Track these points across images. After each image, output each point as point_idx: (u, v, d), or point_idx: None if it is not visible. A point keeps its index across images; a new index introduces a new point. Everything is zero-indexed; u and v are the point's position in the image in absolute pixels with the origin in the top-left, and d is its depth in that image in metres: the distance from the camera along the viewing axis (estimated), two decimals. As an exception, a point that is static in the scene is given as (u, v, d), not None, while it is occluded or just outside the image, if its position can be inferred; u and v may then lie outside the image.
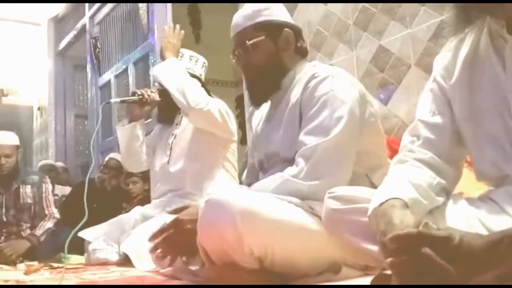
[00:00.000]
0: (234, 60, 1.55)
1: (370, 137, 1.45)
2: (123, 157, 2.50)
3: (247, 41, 1.49)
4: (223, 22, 5.60)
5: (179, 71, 2.14)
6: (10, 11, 5.99)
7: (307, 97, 1.41)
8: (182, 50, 2.42)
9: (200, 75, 2.40)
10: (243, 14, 1.53)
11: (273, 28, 1.50)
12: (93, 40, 4.95)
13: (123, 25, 4.51)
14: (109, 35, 4.75)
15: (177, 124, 2.37)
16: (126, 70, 4.35)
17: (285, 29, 1.50)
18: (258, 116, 1.68)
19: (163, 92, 2.32)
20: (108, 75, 4.68)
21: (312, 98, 1.40)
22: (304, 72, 1.48)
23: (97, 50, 4.90)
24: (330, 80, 1.39)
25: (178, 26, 2.29)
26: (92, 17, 5.06)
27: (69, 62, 6.21)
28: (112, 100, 2.47)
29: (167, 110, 2.36)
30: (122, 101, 2.46)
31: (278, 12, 1.53)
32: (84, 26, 5.22)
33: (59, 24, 6.22)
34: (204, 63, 2.43)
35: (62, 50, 6.09)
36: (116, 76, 4.55)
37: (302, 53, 1.55)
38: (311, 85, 1.41)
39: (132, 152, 2.40)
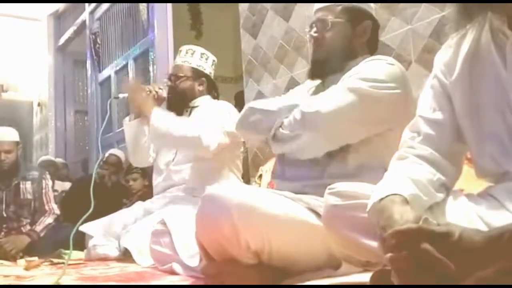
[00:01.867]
0: (309, 30, 1.55)
1: (397, 133, 1.43)
2: (129, 152, 2.50)
3: (328, 18, 1.50)
4: (223, 17, 5.61)
5: (170, 127, 2.13)
6: (10, 7, 5.97)
7: (357, 67, 1.43)
8: (193, 47, 2.43)
9: (210, 73, 2.42)
10: None
11: (356, 15, 1.52)
12: (93, 36, 4.94)
13: (123, 20, 4.51)
14: (109, 30, 4.74)
15: None
16: (126, 65, 4.34)
17: (367, 20, 1.53)
18: (301, 92, 1.67)
19: (172, 88, 2.34)
20: (108, 71, 4.68)
21: (360, 67, 1.42)
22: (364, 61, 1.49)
23: (97, 45, 4.89)
24: (384, 63, 1.41)
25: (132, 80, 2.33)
26: (92, 13, 5.05)
27: (69, 57, 6.21)
28: (121, 96, 2.47)
29: (175, 105, 2.36)
30: None
31: (365, 2, 1.55)
32: (84, 22, 5.22)
33: (59, 19, 6.21)
34: (214, 61, 2.45)
35: (62, 45, 6.08)
36: (116, 72, 4.54)
37: (372, 47, 1.58)
38: (366, 60, 1.45)
39: (139, 148, 2.40)
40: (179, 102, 2.34)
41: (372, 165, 1.39)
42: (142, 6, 4.06)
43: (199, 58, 2.38)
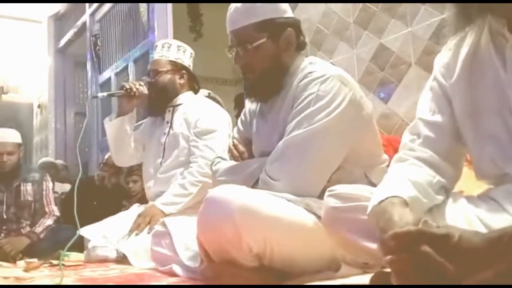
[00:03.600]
0: (231, 56, 1.49)
1: (365, 137, 1.44)
2: (111, 152, 2.47)
3: (248, 44, 1.43)
4: (223, 19, 5.60)
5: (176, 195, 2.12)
6: (11, 8, 5.98)
7: (297, 96, 1.40)
8: (169, 40, 2.40)
9: (189, 65, 2.37)
10: (242, 9, 1.43)
11: (275, 28, 1.43)
12: (94, 38, 4.94)
13: (124, 22, 4.51)
14: (110, 32, 4.75)
15: (168, 122, 2.34)
16: (126, 67, 4.35)
17: (288, 28, 1.44)
18: (251, 107, 1.64)
19: (152, 85, 2.30)
20: (109, 73, 4.68)
21: (300, 97, 1.38)
22: (301, 69, 1.46)
23: (98, 47, 4.89)
24: (321, 81, 1.37)
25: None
26: (92, 15, 5.06)
27: (69, 59, 6.21)
28: (99, 95, 2.44)
29: (157, 103, 2.32)
30: (109, 95, 2.44)
31: (278, 8, 1.45)
32: (84, 24, 5.22)
33: (60, 21, 6.22)
34: (191, 53, 2.40)
35: (62, 47, 6.09)
36: (117, 74, 4.55)
37: (301, 48, 1.51)
38: (301, 84, 1.40)
39: (121, 147, 2.38)
40: (160, 98, 2.29)
41: (354, 175, 1.39)
42: (143, 8, 4.06)
43: (176, 51, 2.34)
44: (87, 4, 5.15)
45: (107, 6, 4.78)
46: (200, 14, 5.56)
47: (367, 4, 2.20)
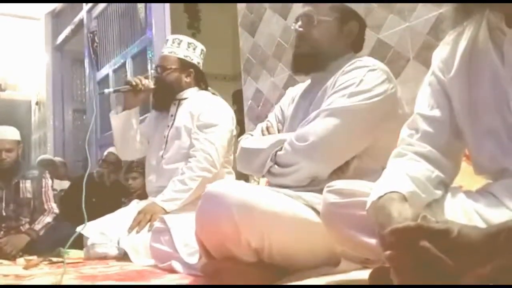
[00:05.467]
0: (295, 23, 1.54)
1: (393, 134, 1.44)
2: (116, 145, 2.48)
3: (315, 15, 1.49)
4: (221, 16, 5.61)
5: (176, 192, 2.11)
6: (8, 5, 5.95)
7: (340, 78, 1.43)
8: (180, 36, 2.40)
9: (198, 63, 2.37)
10: None
11: (344, 15, 1.50)
12: (91, 35, 4.93)
13: (121, 19, 4.50)
14: (107, 29, 4.73)
15: (172, 116, 2.35)
16: (124, 64, 4.34)
17: (354, 21, 1.52)
18: (291, 96, 1.68)
19: (159, 79, 2.31)
20: (106, 70, 4.67)
21: (344, 78, 1.41)
22: (350, 61, 1.48)
23: (95, 44, 4.88)
24: (366, 70, 1.40)
25: None
26: (89, 12, 5.04)
27: (67, 56, 6.19)
28: (106, 91, 2.45)
29: (162, 97, 2.34)
30: (115, 91, 2.44)
31: (357, 6, 1.54)
32: (81, 21, 5.20)
33: (57, 18, 6.20)
34: (202, 50, 2.40)
35: (59, 44, 6.07)
36: (114, 71, 4.54)
37: (356, 48, 1.57)
38: (348, 69, 1.43)
39: (126, 140, 2.39)
40: (165, 94, 2.31)
41: (371, 168, 1.40)
42: (140, 4, 4.05)
43: (186, 48, 2.34)
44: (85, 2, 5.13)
45: (104, 2, 4.76)
46: (198, 10, 5.55)
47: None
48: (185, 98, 2.33)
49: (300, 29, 1.52)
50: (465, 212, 0.95)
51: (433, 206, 0.98)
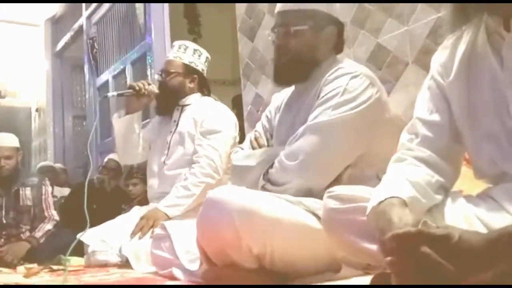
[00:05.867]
0: (270, 38, 1.54)
1: (384, 140, 1.44)
2: (118, 148, 2.48)
3: (291, 26, 1.47)
4: (220, 21, 5.60)
5: (179, 198, 2.11)
6: (7, 12, 5.97)
7: (324, 87, 1.42)
8: (186, 42, 2.40)
9: (202, 70, 2.39)
10: None
11: (320, 21, 1.48)
12: (91, 41, 4.94)
13: (120, 25, 4.51)
14: (106, 35, 4.74)
15: (175, 121, 2.35)
16: (123, 70, 4.34)
17: (331, 25, 1.49)
18: (276, 103, 1.67)
19: (162, 83, 2.32)
20: (106, 76, 4.68)
21: (328, 88, 1.41)
22: (332, 67, 1.48)
23: (95, 50, 4.89)
24: (349, 77, 1.39)
25: None
26: (89, 18, 5.05)
27: (66, 63, 6.20)
28: (109, 94, 2.45)
29: (165, 101, 2.34)
30: (119, 95, 2.44)
31: (331, 7, 1.51)
32: (81, 27, 5.21)
33: (56, 25, 6.21)
34: (207, 57, 2.42)
35: (59, 51, 6.08)
36: (114, 77, 4.54)
37: (337, 50, 1.56)
38: (330, 77, 1.42)
39: (128, 144, 2.39)
40: (169, 99, 2.31)
41: (365, 175, 1.39)
42: (139, 10, 4.06)
43: (191, 54, 2.35)
44: (83, 7, 5.15)
45: (103, 8, 4.77)
46: (198, 15, 5.56)
47: (363, 3, 2.20)
48: (188, 104, 2.34)
49: (277, 41, 1.50)
50: (465, 217, 0.94)
51: (434, 211, 0.98)
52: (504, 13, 0.95)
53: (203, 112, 2.27)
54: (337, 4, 1.54)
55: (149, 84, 2.33)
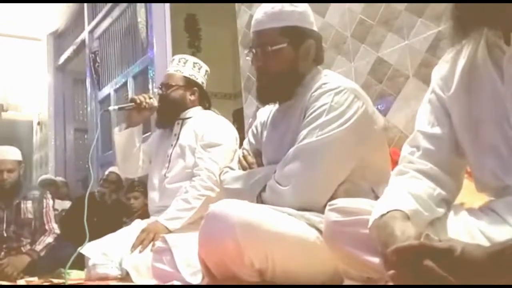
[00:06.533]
0: (248, 57, 1.51)
1: (374, 151, 1.44)
2: (118, 162, 2.48)
3: (268, 46, 1.44)
4: (221, 34, 5.64)
5: (180, 210, 2.09)
6: (10, 26, 6.03)
7: (309, 105, 1.41)
8: (186, 56, 2.42)
9: (202, 82, 2.40)
10: (270, 12, 1.45)
11: (297, 36, 1.45)
12: (93, 55, 4.98)
13: (122, 39, 4.54)
14: (109, 49, 4.78)
15: (175, 135, 2.36)
16: (125, 84, 4.37)
17: (310, 39, 1.47)
18: (261, 119, 1.66)
19: (163, 97, 2.32)
20: (108, 89, 4.70)
21: (313, 107, 1.40)
22: (315, 81, 1.47)
23: (97, 64, 4.92)
24: (335, 92, 1.38)
25: None
26: (91, 32, 5.10)
27: (68, 76, 6.24)
28: (110, 108, 2.46)
29: (166, 114, 2.34)
30: (120, 108, 2.45)
31: (304, 18, 1.48)
32: (83, 41, 5.26)
33: (59, 39, 6.26)
34: (206, 70, 2.43)
35: (61, 64, 6.12)
36: (116, 90, 4.57)
37: (318, 62, 1.53)
38: (315, 94, 1.41)
39: (128, 158, 2.39)
40: (170, 112, 2.32)
41: (361, 188, 1.39)
42: (141, 24, 4.09)
43: (191, 67, 2.36)
44: (86, 21, 5.20)
45: (106, 23, 4.82)
46: (198, 29, 5.60)
47: (364, 17, 2.22)
48: (189, 118, 2.34)
49: (256, 62, 1.48)
50: (468, 230, 0.94)
51: (436, 224, 0.97)
52: (503, 27, 0.96)
53: (203, 125, 2.27)
54: (311, 16, 1.50)
55: (150, 98, 2.34)
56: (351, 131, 1.36)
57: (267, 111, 1.65)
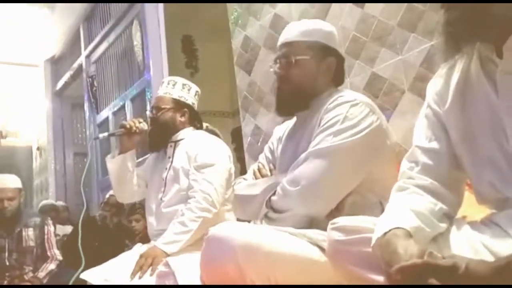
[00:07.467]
0: (272, 69, 1.57)
1: (384, 166, 1.45)
2: (114, 188, 2.47)
3: (292, 56, 1.51)
4: (217, 54, 5.68)
5: (178, 233, 2.08)
6: (7, 54, 6.07)
7: (324, 116, 1.44)
8: (175, 78, 2.43)
9: (193, 103, 2.40)
10: (300, 28, 1.56)
11: (321, 52, 1.52)
12: (90, 79, 5.01)
13: (119, 62, 4.58)
14: (106, 73, 4.81)
15: (169, 158, 2.35)
16: (123, 106, 4.38)
17: (331, 57, 1.54)
18: (278, 135, 1.70)
19: (153, 119, 2.32)
20: (106, 112, 4.72)
21: (328, 116, 1.42)
22: (332, 96, 1.50)
23: (94, 88, 4.95)
24: (349, 105, 1.41)
25: None
26: (88, 57, 5.14)
27: (66, 101, 6.26)
28: (100, 136, 2.45)
29: (157, 138, 2.34)
30: (110, 135, 2.46)
31: (330, 37, 1.56)
32: (80, 66, 5.29)
33: (56, 64, 6.30)
34: (196, 91, 2.43)
35: (59, 90, 6.15)
36: (114, 113, 4.58)
37: (337, 82, 1.59)
38: (331, 106, 1.44)
39: (123, 184, 2.38)
40: (161, 134, 2.31)
41: (368, 202, 1.40)
42: (137, 47, 4.13)
43: (180, 89, 2.37)
44: (82, 46, 5.24)
45: (102, 47, 4.86)
46: (195, 49, 5.65)
47: (357, 34, 2.24)
48: (181, 139, 2.34)
49: (280, 71, 1.54)
50: (471, 245, 0.94)
51: (439, 240, 0.97)
52: (495, 41, 0.97)
53: (195, 146, 2.27)
54: (337, 38, 1.59)
55: (139, 122, 2.34)
56: (363, 142, 1.38)
57: (283, 128, 1.70)
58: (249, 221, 1.54)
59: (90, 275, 2.15)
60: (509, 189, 0.95)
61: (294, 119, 1.65)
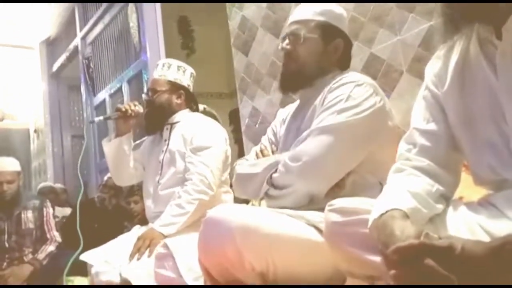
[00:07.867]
0: (281, 42, 1.58)
1: (386, 147, 1.45)
2: (111, 171, 2.48)
3: (301, 33, 1.53)
4: (214, 35, 5.63)
5: (174, 216, 2.09)
6: (2, 36, 6.01)
7: (328, 95, 1.45)
8: (170, 60, 2.42)
9: (188, 85, 2.39)
10: (311, 8, 1.57)
11: (329, 32, 1.54)
12: (86, 61, 4.96)
13: (115, 44, 4.53)
14: (102, 54, 4.77)
15: (165, 140, 2.35)
16: (120, 88, 4.36)
17: (339, 38, 1.55)
18: (281, 117, 1.71)
19: (149, 102, 2.32)
20: (103, 94, 4.69)
21: (332, 96, 1.43)
22: (336, 78, 1.51)
23: (91, 70, 4.91)
24: (353, 85, 1.42)
25: None
26: (83, 38, 5.08)
27: (63, 83, 6.23)
28: (96, 119, 2.45)
29: (153, 121, 2.34)
30: (105, 118, 2.45)
31: (340, 19, 1.58)
32: (76, 47, 5.24)
33: (52, 46, 6.24)
34: (192, 73, 2.42)
35: (55, 72, 6.11)
36: (111, 95, 4.56)
37: (342, 65, 1.59)
38: (335, 85, 1.45)
39: (120, 167, 2.38)
40: (157, 117, 2.31)
41: (368, 182, 1.40)
42: (133, 29, 4.09)
43: (176, 71, 2.36)
44: (78, 28, 5.18)
45: (98, 28, 4.81)
46: (191, 30, 5.60)
47: (355, 15, 2.22)
48: (177, 122, 2.34)
49: (288, 47, 1.55)
50: (468, 225, 0.95)
51: (436, 221, 0.98)
52: (495, 22, 0.96)
53: (191, 128, 2.26)
54: (346, 21, 1.60)
55: (135, 105, 2.33)
56: (366, 122, 1.39)
57: (287, 110, 1.70)
58: (247, 203, 1.55)
59: (89, 257, 2.17)
60: (507, 171, 0.95)
61: (297, 101, 1.64)
